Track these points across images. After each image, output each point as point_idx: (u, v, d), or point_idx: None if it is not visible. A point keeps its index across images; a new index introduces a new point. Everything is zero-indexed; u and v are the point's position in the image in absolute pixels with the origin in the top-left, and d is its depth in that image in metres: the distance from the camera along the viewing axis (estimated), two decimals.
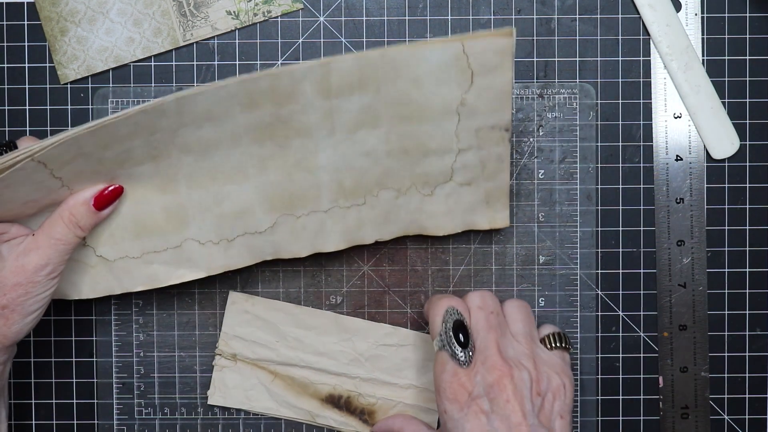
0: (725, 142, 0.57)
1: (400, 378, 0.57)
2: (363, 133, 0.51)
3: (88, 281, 0.54)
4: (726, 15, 0.57)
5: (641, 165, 0.58)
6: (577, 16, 0.57)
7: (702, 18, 0.57)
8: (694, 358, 0.58)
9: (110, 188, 0.51)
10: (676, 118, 0.57)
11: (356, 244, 0.54)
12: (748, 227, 0.58)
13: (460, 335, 0.49)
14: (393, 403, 0.57)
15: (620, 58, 0.57)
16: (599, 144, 0.57)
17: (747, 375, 0.58)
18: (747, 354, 0.58)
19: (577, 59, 0.57)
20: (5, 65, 0.57)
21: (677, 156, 0.58)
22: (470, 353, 0.49)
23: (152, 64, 0.57)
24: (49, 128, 0.57)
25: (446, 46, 0.49)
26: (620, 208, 0.58)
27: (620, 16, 0.57)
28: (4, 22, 0.57)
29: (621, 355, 0.58)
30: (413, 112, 0.51)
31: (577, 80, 0.57)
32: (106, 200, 0.51)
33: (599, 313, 0.58)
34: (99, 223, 0.52)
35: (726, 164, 0.58)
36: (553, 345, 0.52)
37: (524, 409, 0.47)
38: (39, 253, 0.49)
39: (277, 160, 0.52)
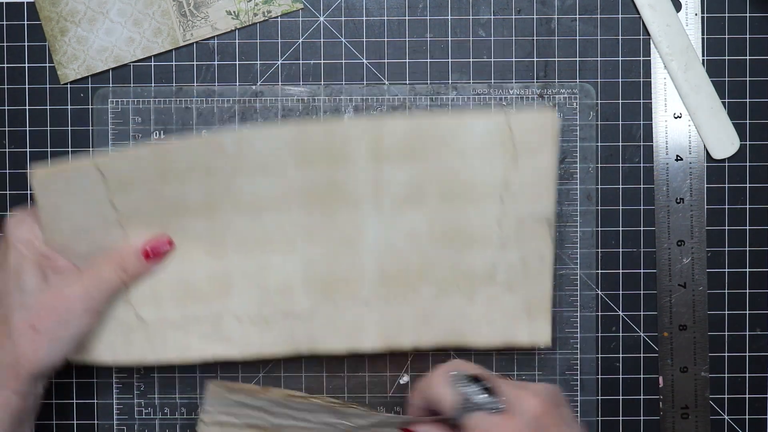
0: (725, 142, 0.57)
1: None
2: (408, 210, 0.52)
3: (123, 343, 0.54)
4: (726, 15, 0.57)
5: (641, 165, 0.58)
6: (577, 16, 0.57)
7: (702, 18, 0.57)
8: (694, 358, 0.58)
9: (163, 242, 0.52)
10: (676, 118, 0.57)
11: (394, 347, 0.54)
12: (748, 227, 0.58)
13: (478, 387, 0.48)
14: None
15: (620, 58, 0.58)
16: (599, 144, 0.57)
17: (747, 375, 0.58)
18: (747, 354, 0.58)
19: (577, 59, 0.57)
20: (5, 65, 0.57)
21: (677, 156, 0.58)
22: (497, 398, 0.47)
23: (152, 64, 0.57)
24: (49, 128, 0.57)
25: (491, 117, 0.52)
26: (620, 208, 0.58)
27: (620, 16, 0.57)
28: (4, 22, 0.57)
29: (621, 355, 0.58)
30: (457, 189, 0.52)
31: (577, 80, 0.57)
32: (157, 254, 0.52)
33: (599, 313, 0.58)
34: (144, 277, 0.52)
35: (726, 164, 0.58)
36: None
37: (567, 419, 0.48)
38: (81, 285, 0.49)
39: (324, 234, 0.53)
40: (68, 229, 0.51)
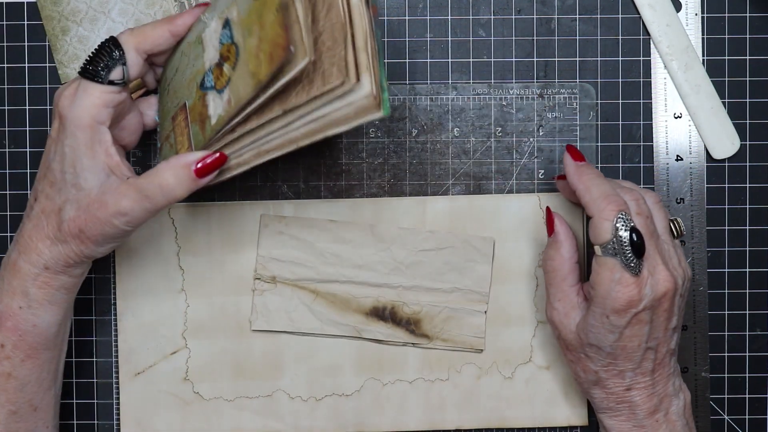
0: (725, 142, 0.57)
1: (443, 282, 0.56)
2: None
3: (181, 418, 0.56)
4: (726, 15, 0.58)
5: (641, 165, 0.58)
6: (577, 16, 0.58)
7: (702, 18, 0.58)
8: (694, 358, 0.58)
9: (214, 156, 0.48)
10: (676, 118, 0.58)
11: (437, 427, 0.57)
12: (748, 227, 0.58)
13: (636, 242, 0.47)
14: (438, 309, 0.56)
15: (620, 58, 0.58)
16: (599, 144, 0.58)
17: (747, 375, 0.58)
18: (747, 354, 0.58)
19: (577, 59, 0.58)
20: (5, 65, 0.57)
21: (677, 156, 0.58)
22: (642, 263, 0.48)
23: None
24: (49, 128, 0.57)
25: (524, 198, 0.56)
26: None
27: (620, 16, 0.58)
28: (4, 22, 0.57)
29: None
30: (494, 269, 0.56)
31: (577, 80, 0.57)
32: (208, 169, 0.48)
33: None
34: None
35: (726, 164, 0.58)
36: (676, 235, 0.51)
37: (672, 315, 0.49)
38: (126, 201, 0.48)
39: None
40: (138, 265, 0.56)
